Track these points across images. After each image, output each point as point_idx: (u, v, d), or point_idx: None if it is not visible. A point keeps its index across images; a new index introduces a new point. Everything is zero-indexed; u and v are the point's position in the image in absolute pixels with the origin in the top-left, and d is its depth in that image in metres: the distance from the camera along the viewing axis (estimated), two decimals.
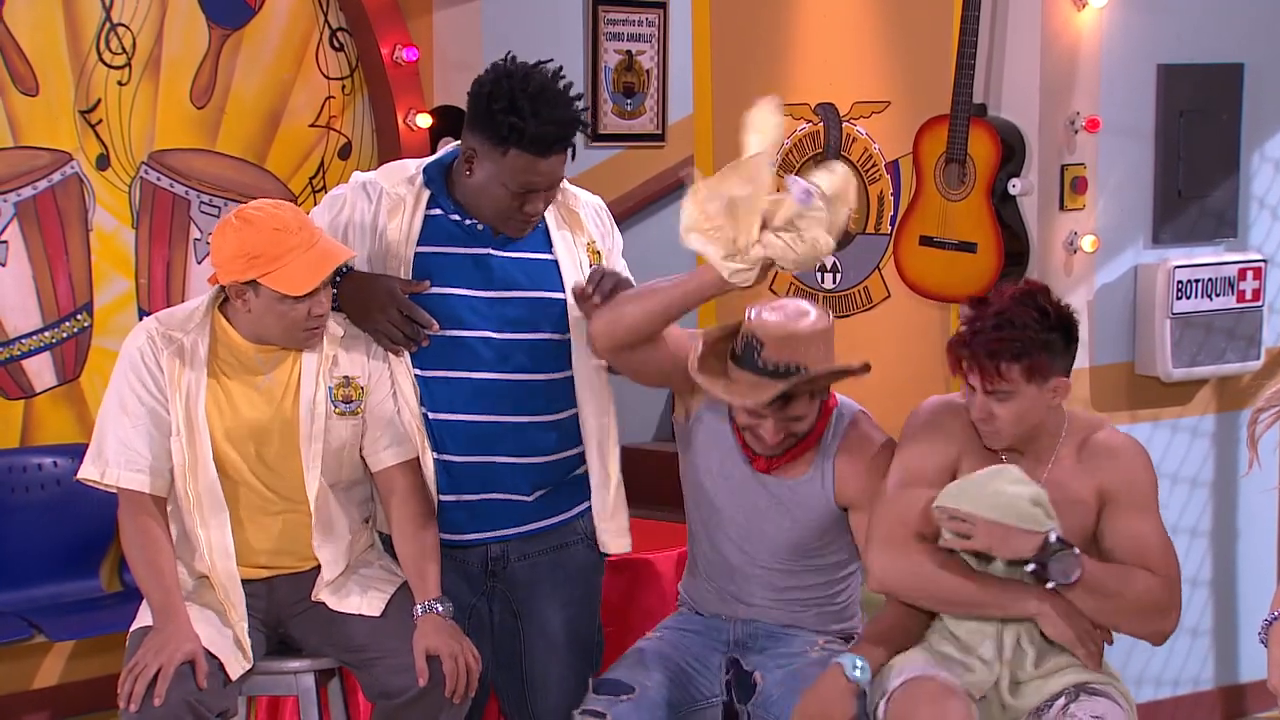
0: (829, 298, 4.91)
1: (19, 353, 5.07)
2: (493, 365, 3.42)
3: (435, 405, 3.44)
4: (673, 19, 6.90)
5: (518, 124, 3.25)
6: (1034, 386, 3.21)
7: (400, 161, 3.61)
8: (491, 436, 3.44)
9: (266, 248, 3.21)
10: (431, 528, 3.42)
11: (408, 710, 3.30)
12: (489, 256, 3.43)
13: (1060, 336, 3.25)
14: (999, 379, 3.19)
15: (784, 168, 4.99)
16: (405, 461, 3.42)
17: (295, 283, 3.23)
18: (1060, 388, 3.26)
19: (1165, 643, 3.38)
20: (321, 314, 3.30)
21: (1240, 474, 4.63)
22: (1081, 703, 3.18)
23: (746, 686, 3.46)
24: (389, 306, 3.36)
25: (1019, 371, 3.19)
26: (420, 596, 3.36)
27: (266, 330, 3.32)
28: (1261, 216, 4.73)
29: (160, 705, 3.13)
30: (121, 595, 4.99)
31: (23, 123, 5.03)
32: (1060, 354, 3.25)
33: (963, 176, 4.32)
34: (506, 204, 3.34)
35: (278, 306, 3.26)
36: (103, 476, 3.33)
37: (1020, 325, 3.18)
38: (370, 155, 5.66)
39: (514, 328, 3.43)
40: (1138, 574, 3.26)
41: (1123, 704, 3.23)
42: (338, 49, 5.61)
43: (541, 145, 3.28)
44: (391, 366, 3.43)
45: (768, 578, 3.51)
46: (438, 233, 3.43)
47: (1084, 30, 4.37)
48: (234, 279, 3.26)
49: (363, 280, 3.41)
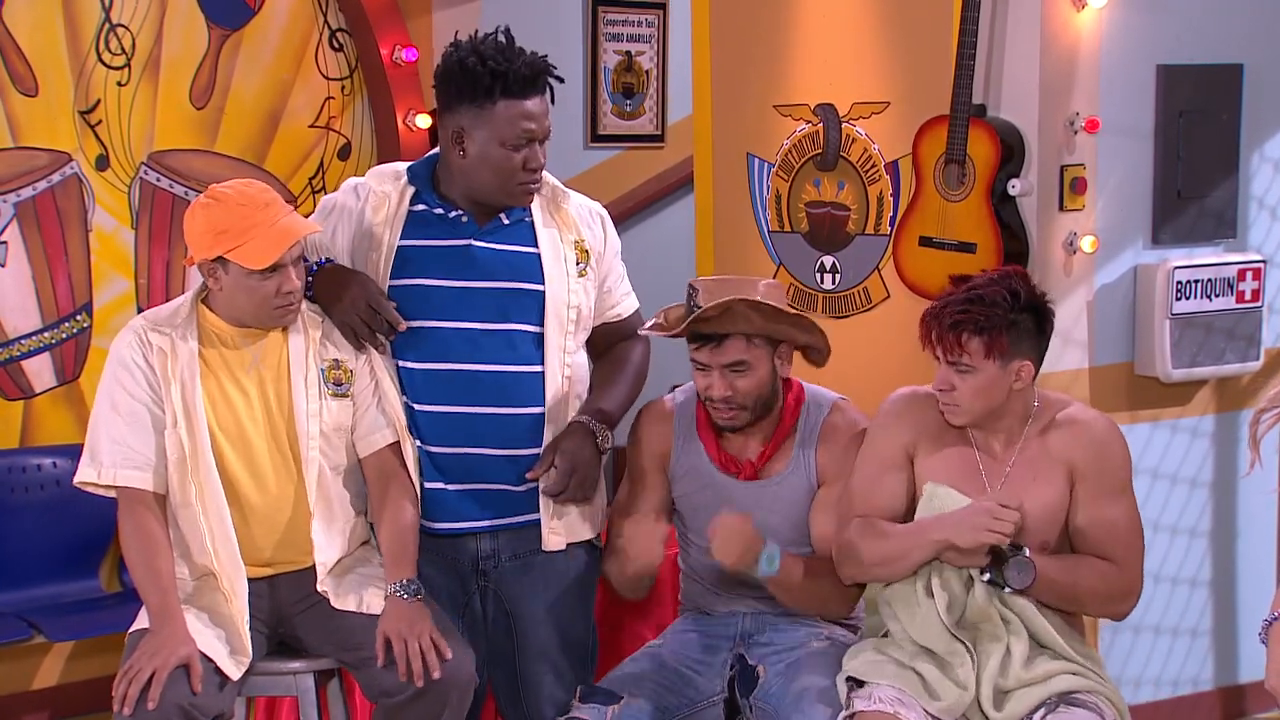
0: (829, 298, 4.91)
1: (18, 353, 5.07)
2: (472, 356, 3.46)
3: (418, 396, 3.47)
4: (672, 19, 6.90)
5: (496, 68, 3.34)
6: (993, 364, 3.28)
7: (390, 164, 3.68)
8: (475, 428, 3.47)
9: (233, 223, 3.28)
10: (411, 510, 3.45)
11: (407, 709, 3.31)
12: (470, 247, 3.47)
13: (1030, 320, 3.31)
14: (959, 350, 3.27)
15: (783, 168, 5.00)
16: (389, 445, 3.47)
17: (258, 256, 3.28)
18: (1024, 372, 3.32)
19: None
20: (291, 290, 3.34)
21: (1240, 474, 4.63)
22: (1060, 715, 3.19)
23: (750, 680, 3.48)
24: (359, 299, 3.41)
25: (979, 345, 3.27)
26: (391, 577, 3.37)
27: (239, 309, 3.36)
28: (1261, 217, 4.73)
29: (154, 709, 3.14)
30: (121, 596, 4.99)
31: (22, 123, 5.03)
32: (1027, 338, 3.31)
33: (962, 177, 4.32)
34: (508, 164, 3.40)
35: (246, 282, 3.31)
36: (100, 477, 3.35)
37: (989, 302, 3.27)
38: (370, 156, 5.67)
39: (493, 318, 3.47)
40: (1092, 566, 3.33)
41: (1109, 713, 3.23)
42: (337, 49, 5.62)
43: (523, 84, 3.37)
44: (373, 356, 3.46)
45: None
46: (420, 226, 3.49)
47: (1083, 30, 4.37)
48: (204, 255, 3.32)
49: (337, 271, 3.47)
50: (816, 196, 4.93)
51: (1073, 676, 3.26)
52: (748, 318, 3.44)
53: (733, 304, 3.42)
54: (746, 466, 3.57)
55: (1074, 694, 3.23)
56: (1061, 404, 3.43)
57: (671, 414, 3.65)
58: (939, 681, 3.24)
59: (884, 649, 3.35)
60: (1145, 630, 4.61)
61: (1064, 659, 3.29)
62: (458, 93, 3.38)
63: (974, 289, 3.30)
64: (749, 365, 3.47)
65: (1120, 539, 3.35)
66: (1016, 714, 3.23)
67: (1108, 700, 3.26)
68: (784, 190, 5.01)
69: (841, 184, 4.86)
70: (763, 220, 5.08)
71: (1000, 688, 3.26)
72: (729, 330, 3.45)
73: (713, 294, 3.44)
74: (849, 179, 4.83)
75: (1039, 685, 3.25)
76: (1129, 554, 3.36)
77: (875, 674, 3.28)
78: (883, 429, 3.48)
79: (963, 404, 3.33)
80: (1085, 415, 3.42)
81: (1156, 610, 4.64)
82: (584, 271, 3.56)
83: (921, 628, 3.31)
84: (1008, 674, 3.26)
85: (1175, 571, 4.67)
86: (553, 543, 3.55)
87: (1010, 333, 3.28)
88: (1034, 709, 3.22)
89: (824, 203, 4.91)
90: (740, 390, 3.48)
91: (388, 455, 3.47)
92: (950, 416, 3.37)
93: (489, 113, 3.36)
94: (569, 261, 3.53)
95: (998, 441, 3.39)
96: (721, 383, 3.48)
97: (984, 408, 3.33)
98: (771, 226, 5.06)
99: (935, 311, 3.33)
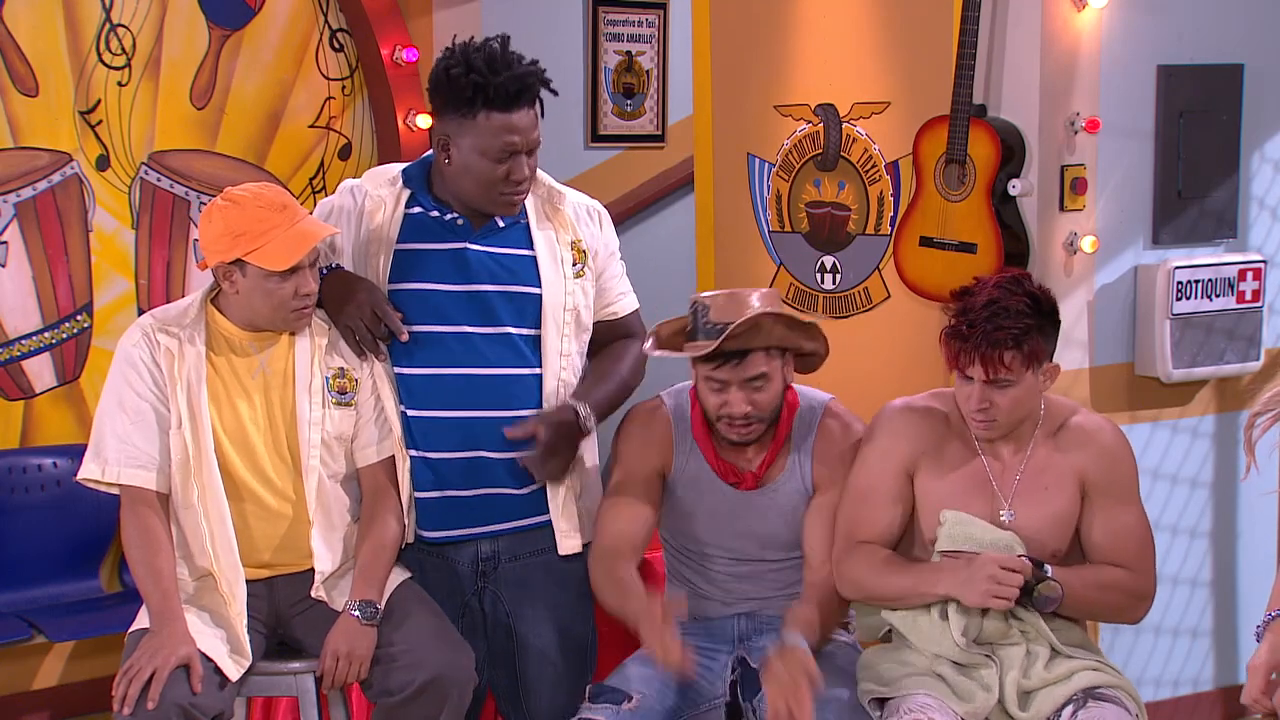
0: (829, 298, 4.91)
1: (19, 353, 5.07)
2: (472, 360, 3.45)
3: (416, 402, 3.46)
4: (672, 20, 6.90)
5: (480, 81, 3.31)
6: (1031, 373, 3.26)
7: (386, 165, 3.67)
8: (475, 432, 3.46)
9: (250, 225, 3.28)
10: (395, 529, 3.45)
11: (407, 708, 3.31)
12: (466, 251, 3.46)
13: (1049, 321, 3.30)
14: (1002, 368, 3.21)
15: (783, 168, 5.00)
16: (385, 459, 3.47)
17: (278, 258, 3.28)
18: (1050, 371, 3.31)
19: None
20: (308, 293, 3.35)
21: (1239, 477, 4.63)
22: (1090, 709, 3.18)
23: (753, 683, 3.47)
24: (365, 305, 3.40)
25: (1020, 359, 3.22)
26: (354, 594, 3.37)
27: (255, 312, 3.35)
28: (1261, 217, 4.73)
29: (153, 709, 3.14)
30: (121, 596, 4.99)
31: (22, 123, 5.03)
32: (1050, 339, 3.31)
33: (962, 177, 4.32)
34: (491, 176, 3.38)
35: (264, 284, 3.31)
36: (103, 474, 3.35)
37: (1015, 313, 3.22)
38: (370, 156, 5.66)
39: (491, 322, 3.46)
40: (1110, 575, 3.32)
41: (1131, 708, 3.23)
42: (337, 50, 5.61)
43: (508, 98, 3.33)
44: (376, 366, 3.45)
45: (775, 575, 3.57)
46: (416, 229, 3.48)
47: (1084, 31, 4.37)
48: (220, 259, 3.31)
49: (345, 277, 3.47)
50: (817, 196, 4.93)
51: (1094, 673, 3.26)
52: (770, 330, 3.40)
53: (760, 319, 3.36)
54: (748, 477, 3.54)
55: (1098, 689, 3.23)
56: (1069, 410, 3.41)
57: (669, 421, 3.59)
58: (963, 685, 3.23)
59: (902, 659, 3.34)
60: (1145, 630, 4.61)
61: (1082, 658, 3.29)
62: (444, 100, 3.37)
63: (992, 301, 3.22)
64: (768, 378, 3.42)
65: (1134, 546, 3.35)
66: (1044, 712, 3.22)
67: (1129, 696, 3.26)
68: (784, 190, 5.01)
69: (842, 184, 4.86)
70: (763, 220, 5.08)
71: (1023, 688, 3.25)
72: (753, 345, 3.39)
73: (725, 310, 3.37)
74: (849, 179, 4.83)
75: (1063, 683, 3.24)
76: (1142, 560, 3.35)
77: (901, 686, 3.26)
78: (877, 449, 3.42)
79: (1002, 418, 3.28)
80: (1094, 424, 3.39)
81: (1157, 610, 4.59)
82: (581, 272, 3.56)
83: (936, 646, 3.30)
84: (1030, 674, 3.25)
85: (1175, 571, 4.67)
86: (567, 546, 3.54)
87: (1040, 337, 3.25)
88: (1061, 705, 3.21)
89: (824, 203, 4.91)
90: (759, 404, 3.43)
91: (382, 469, 3.47)
92: (986, 432, 3.32)
93: (471, 123, 3.34)
94: (565, 263, 3.53)
95: (1006, 449, 3.36)
96: (740, 398, 3.41)
97: (1022, 416, 3.31)
98: (772, 226, 5.06)
99: (960, 332, 3.24)
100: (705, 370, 3.44)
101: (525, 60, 3.39)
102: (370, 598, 3.35)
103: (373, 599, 3.35)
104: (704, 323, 3.40)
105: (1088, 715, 3.16)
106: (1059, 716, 3.21)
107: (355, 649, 3.31)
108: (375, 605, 3.35)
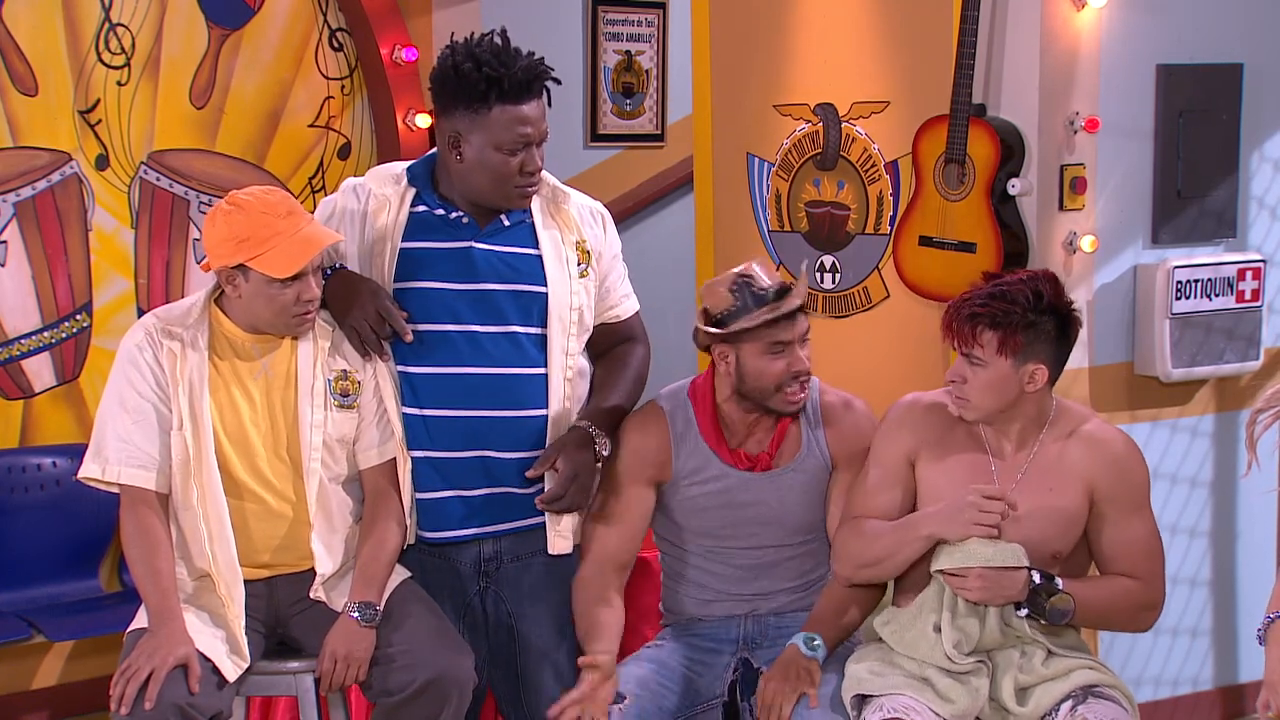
0: (829, 298, 4.91)
1: (18, 353, 5.07)
2: (475, 359, 3.44)
3: (422, 401, 3.46)
4: (672, 19, 6.90)
5: (491, 74, 3.32)
6: (1006, 361, 3.28)
7: (390, 164, 3.66)
8: (480, 431, 3.46)
9: (254, 230, 3.26)
10: (395, 534, 3.44)
11: (407, 708, 3.31)
12: (471, 249, 3.46)
13: (1051, 324, 3.30)
14: (974, 342, 3.28)
15: (783, 168, 5.00)
16: (387, 461, 3.46)
17: (282, 265, 3.27)
18: (1037, 375, 3.30)
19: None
20: (311, 299, 3.34)
21: (1240, 475, 4.63)
22: (1090, 705, 3.19)
23: (752, 684, 3.47)
24: (369, 305, 3.39)
25: (993, 339, 3.26)
26: (354, 595, 3.37)
27: (258, 316, 3.35)
28: (1261, 216, 4.73)
29: (151, 709, 3.14)
30: (121, 595, 4.99)
31: (22, 123, 5.03)
32: (1044, 341, 3.30)
33: (962, 177, 4.32)
34: (505, 169, 3.38)
35: (267, 290, 3.30)
36: (104, 474, 3.34)
37: (1010, 300, 3.27)
38: (369, 155, 5.66)
39: (496, 321, 3.45)
40: (1120, 585, 3.33)
41: (1127, 707, 3.24)
42: (337, 49, 5.61)
43: (519, 89, 3.34)
44: (379, 368, 3.45)
45: (792, 564, 3.57)
46: (421, 228, 3.48)
47: (1083, 30, 4.37)
48: (224, 263, 3.30)
49: (349, 277, 3.46)
50: (816, 196, 4.93)
51: (1091, 671, 3.27)
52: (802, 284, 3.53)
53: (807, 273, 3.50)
54: (762, 459, 3.53)
55: (1096, 687, 3.25)
56: (1082, 417, 3.41)
57: (665, 419, 3.58)
58: (951, 688, 3.24)
59: (891, 659, 3.34)
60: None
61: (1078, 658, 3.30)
62: (453, 98, 3.36)
63: (999, 285, 3.31)
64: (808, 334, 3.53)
65: (1144, 555, 3.36)
66: (1043, 707, 3.23)
67: (1125, 697, 3.28)
68: (784, 190, 5.01)
69: (841, 184, 4.86)
70: (763, 220, 5.08)
71: (1021, 684, 3.26)
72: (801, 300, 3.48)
73: (770, 273, 3.49)
74: (849, 179, 4.84)
75: (1061, 679, 3.26)
76: (1152, 569, 3.37)
77: (883, 686, 3.26)
78: (885, 437, 3.47)
79: (971, 398, 3.32)
80: (1106, 433, 3.40)
81: None
82: (585, 272, 3.56)
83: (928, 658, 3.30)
84: (1029, 671, 3.27)
85: (1175, 571, 4.66)
86: (559, 546, 3.55)
87: (1026, 333, 3.26)
88: (1059, 701, 3.23)
89: (824, 202, 4.91)
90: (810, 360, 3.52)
91: (384, 471, 3.46)
92: (959, 410, 3.36)
93: (485, 118, 3.34)
94: (570, 263, 3.52)
95: (1009, 443, 3.38)
96: (804, 354, 3.48)
97: (993, 404, 3.32)
98: (771, 226, 5.06)
99: (957, 303, 3.34)
100: (770, 336, 3.45)
101: (525, 53, 3.41)
102: (369, 599, 3.35)
103: (372, 600, 3.35)
104: (758, 290, 3.45)
105: (1088, 710, 3.17)
106: (1057, 712, 3.21)
107: (354, 651, 3.31)
108: (374, 607, 3.35)
